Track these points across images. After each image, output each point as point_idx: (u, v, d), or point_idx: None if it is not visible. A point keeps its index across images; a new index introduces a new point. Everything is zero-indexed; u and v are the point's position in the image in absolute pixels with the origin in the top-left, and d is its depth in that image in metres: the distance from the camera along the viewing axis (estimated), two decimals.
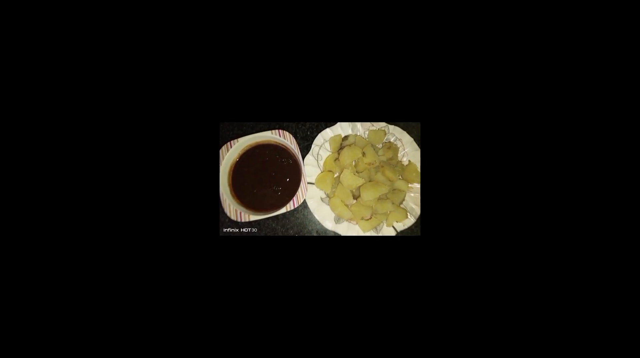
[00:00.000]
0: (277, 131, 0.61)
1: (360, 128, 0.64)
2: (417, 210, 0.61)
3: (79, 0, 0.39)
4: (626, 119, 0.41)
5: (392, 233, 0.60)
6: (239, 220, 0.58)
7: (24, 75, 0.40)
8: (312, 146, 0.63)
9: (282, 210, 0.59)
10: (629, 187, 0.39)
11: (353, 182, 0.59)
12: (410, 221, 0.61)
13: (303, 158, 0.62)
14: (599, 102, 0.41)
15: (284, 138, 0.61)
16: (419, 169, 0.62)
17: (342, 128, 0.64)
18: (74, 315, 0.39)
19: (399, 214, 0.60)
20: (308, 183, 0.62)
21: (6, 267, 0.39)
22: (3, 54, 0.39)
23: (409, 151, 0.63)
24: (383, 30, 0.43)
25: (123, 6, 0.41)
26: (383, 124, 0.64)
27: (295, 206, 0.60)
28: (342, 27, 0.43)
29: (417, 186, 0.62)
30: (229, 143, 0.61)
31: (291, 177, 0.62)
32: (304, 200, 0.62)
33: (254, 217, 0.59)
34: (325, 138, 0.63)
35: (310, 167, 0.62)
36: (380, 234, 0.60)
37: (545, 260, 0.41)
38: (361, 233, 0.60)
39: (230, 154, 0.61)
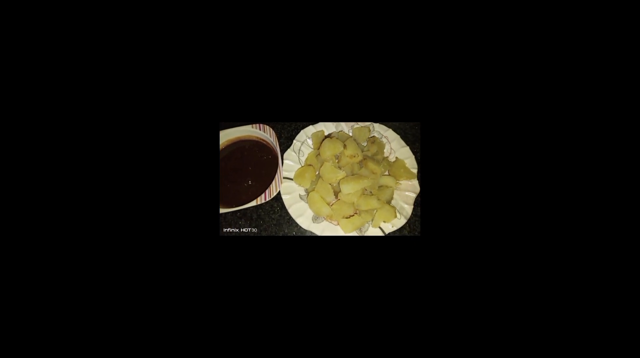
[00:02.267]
0: (257, 125, 0.60)
1: (345, 126, 0.61)
2: (409, 209, 0.52)
3: (79, 0, 0.43)
4: (626, 119, 0.40)
5: (380, 235, 0.50)
6: None
7: (23, 75, 0.41)
8: (294, 141, 0.60)
9: (252, 203, 0.53)
10: (628, 188, 0.39)
11: (333, 175, 0.54)
12: (401, 221, 0.51)
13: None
14: (601, 102, 0.40)
15: (264, 132, 0.59)
16: (407, 166, 0.55)
17: (326, 126, 0.61)
18: (73, 315, 0.39)
19: (387, 212, 0.51)
20: (285, 177, 0.56)
21: (6, 267, 0.39)
22: (3, 53, 0.41)
23: (396, 148, 0.58)
24: (382, 28, 0.44)
25: (123, 5, 0.45)
26: (368, 122, 0.61)
27: (267, 200, 0.53)
28: (340, 25, 0.44)
29: (408, 183, 0.54)
30: None
31: (268, 172, 0.58)
32: (281, 199, 0.56)
33: (220, 210, 0.53)
34: (308, 134, 0.60)
35: (290, 162, 0.58)
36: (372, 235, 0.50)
37: (545, 260, 0.39)
38: (344, 234, 0.50)
39: None
